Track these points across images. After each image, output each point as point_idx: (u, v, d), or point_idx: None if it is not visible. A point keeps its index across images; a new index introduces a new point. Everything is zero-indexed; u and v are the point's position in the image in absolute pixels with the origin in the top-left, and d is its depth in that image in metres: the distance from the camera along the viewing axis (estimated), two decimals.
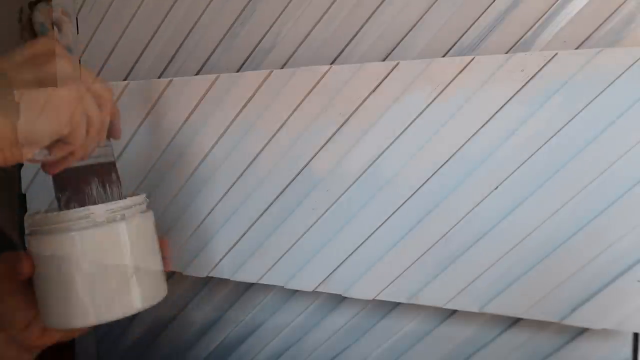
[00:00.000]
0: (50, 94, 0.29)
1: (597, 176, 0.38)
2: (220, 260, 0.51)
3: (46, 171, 0.34)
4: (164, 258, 0.39)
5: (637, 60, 0.36)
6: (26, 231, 0.35)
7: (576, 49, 0.41)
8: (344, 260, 0.46)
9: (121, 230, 0.34)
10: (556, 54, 0.38)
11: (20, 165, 0.59)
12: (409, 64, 0.42)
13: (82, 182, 0.36)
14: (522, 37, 0.42)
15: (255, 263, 0.50)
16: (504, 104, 0.40)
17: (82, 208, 0.34)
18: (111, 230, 0.34)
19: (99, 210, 0.34)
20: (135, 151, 0.53)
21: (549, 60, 0.38)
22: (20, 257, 0.34)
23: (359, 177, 0.45)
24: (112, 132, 0.38)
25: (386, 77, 0.43)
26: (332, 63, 0.48)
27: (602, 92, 0.37)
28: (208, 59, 0.53)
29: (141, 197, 0.38)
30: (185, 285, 0.58)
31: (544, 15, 0.41)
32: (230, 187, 0.50)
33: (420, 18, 0.45)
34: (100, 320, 0.33)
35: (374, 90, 0.43)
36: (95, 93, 0.32)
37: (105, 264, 0.33)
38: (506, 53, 0.42)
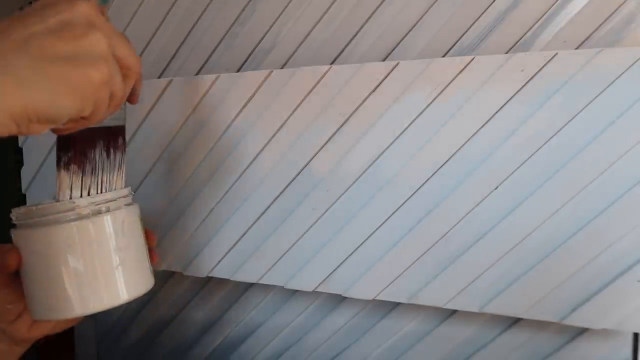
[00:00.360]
0: (80, 75, 0.26)
1: (597, 176, 0.38)
2: (220, 260, 0.51)
3: (53, 132, 0.33)
4: (150, 250, 0.39)
5: (637, 60, 0.36)
6: (12, 224, 0.35)
7: (576, 49, 0.41)
8: (344, 260, 0.46)
9: (106, 222, 0.34)
10: (556, 54, 0.38)
11: (20, 165, 0.59)
12: (409, 64, 0.42)
13: (88, 144, 0.35)
14: (522, 37, 0.42)
15: (255, 263, 0.50)
16: (504, 104, 0.40)
17: (67, 201, 0.34)
18: (96, 223, 0.34)
19: (83, 203, 0.34)
20: (135, 151, 0.53)
21: (549, 60, 0.38)
22: (6, 250, 0.34)
23: (359, 177, 0.45)
24: (130, 98, 0.36)
25: (386, 77, 0.43)
26: (332, 63, 0.48)
27: (602, 92, 0.37)
28: (208, 59, 0.53)
29: (126, 190, 0.38)
30: (185, 285, 0.58)
31: (544, 15, 0.41)
32: (230, 187, 0.50)
33: (420, 18, 0.45)
34: (86, 312, 0.34)
35: (374, 90, 0.43)
36: (124, 64, 0.30)
37: (91, 256, 0.33)
38: (506, 53, 0.42)
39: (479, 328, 0.46)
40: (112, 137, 0.37)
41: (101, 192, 0.36)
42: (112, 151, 0.37)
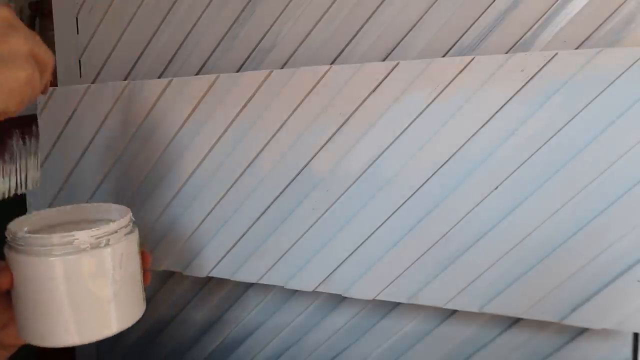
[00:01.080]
0: (8, 76, 0.29)
1: (597, 176, 0.38)
2: (220, 260, 0.51)
3: None
4: (144, 272, 0.39)
5: (637, 60, 0.36)
6: (7, 242, 0.35)
7: (576, 49, 0.41)
8: (344, 260, 0.46)
9: (105, 256, 0.34)
10: (556, 54, 0.38)
11: None
12: (409, 64, 0.42)
13: (6, 134, 0.37)
14: (522, 37, 0.42)
15: (255, 263, 0.50)
16: (504, 104, 0.40)
17: (66, 234, 0.33)
18: (94, 257, 0.33)
19: (83, 237, 0.33)
20: (135, 150, 0.53)
21: (549, 60, 0.38)
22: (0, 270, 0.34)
23: (359, 177, 0.45)
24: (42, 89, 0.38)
25: (386, 77, 0.43)
26: (332, 63, 0.48)
27: (602, 92, 0.37)
28: (208, 59, 0.53)
29: (126, 219, 0.36)
30: (185, 285, 0.58)
31: (544, 15, 0.41)
32: (231, 187, 0.50)
33: (420, 18, 0.45)
34: (75, 343, 0.33)
35: (374, 90, 0.43)
36: (41, 61, 0.32)
37: (86, 290, 0.33)
38: (506, 53, 0.42)
39: (479, 328, 0.46)
40: (26, 125, 0.38)
41: (20, 179, 0.36)
42: (27, 138, 0.38)
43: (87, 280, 0.33)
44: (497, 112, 0.40)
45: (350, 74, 0.44)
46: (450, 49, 0.44)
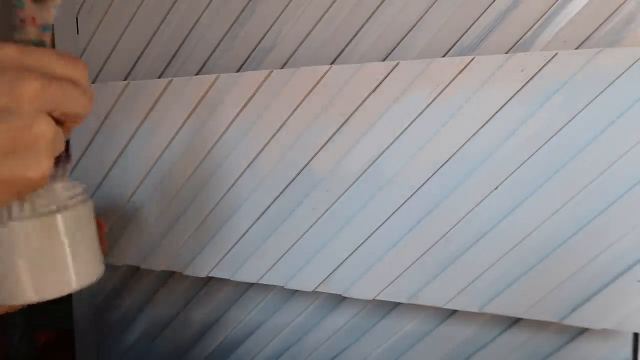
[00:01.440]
0: (16, 176, 0.24)
1: (597, 176, 0.38)
2: (220, 260, 0.51)
3: None
4: (101, 239, 0.41)
5: (637, 60, 0.36)
6: None
7: (576, 49, 0.41)
8: (344, 260, 0.46)
9: (61, 220, 0.37)
10: (556, 54, 0.38)
11: None
12: (409, 64, 0.42)
13: None
14: (522, 37, 0.42)
15: (255, 263, 0.50)
16: (504, 104, 0.40)
17: (25, 200, 0.36)
18: (51, 220, 0.36)
19: (41, 202, 0.36)
20: (135, 151, 0.53)
21: (549, 60, 0.38)
22: None
23: (359, 177, 0.45)
24: None
25: (386, 77, 0.43)
26: (332, 63, 0.48)
27: (602, 92, 0.37)
28: (208, 59, 0.53)
29: (80, 189, 0.39)
30: (185, 285, 0.58)
31: (544, 15, 0.41)
32: (230, 187, 0.50)
33: (420, 18, 0.45)
34: (39, 300, 0.36)
35: (374, 90, 0.43)
36: (73, 115, 0.26)
37: (44, 250, 0.36)
38: (506, 53, 0.42)
39: (479, 328, 0.46)
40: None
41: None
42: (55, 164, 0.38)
43: (45, 242, 0.36)
44: (497, 112, 0.40)
45: (350, 74, 0.44)
46: (450, 49, 0.44)
